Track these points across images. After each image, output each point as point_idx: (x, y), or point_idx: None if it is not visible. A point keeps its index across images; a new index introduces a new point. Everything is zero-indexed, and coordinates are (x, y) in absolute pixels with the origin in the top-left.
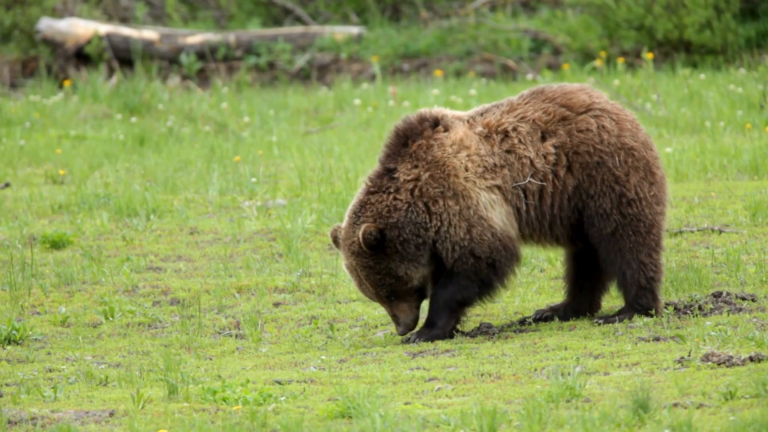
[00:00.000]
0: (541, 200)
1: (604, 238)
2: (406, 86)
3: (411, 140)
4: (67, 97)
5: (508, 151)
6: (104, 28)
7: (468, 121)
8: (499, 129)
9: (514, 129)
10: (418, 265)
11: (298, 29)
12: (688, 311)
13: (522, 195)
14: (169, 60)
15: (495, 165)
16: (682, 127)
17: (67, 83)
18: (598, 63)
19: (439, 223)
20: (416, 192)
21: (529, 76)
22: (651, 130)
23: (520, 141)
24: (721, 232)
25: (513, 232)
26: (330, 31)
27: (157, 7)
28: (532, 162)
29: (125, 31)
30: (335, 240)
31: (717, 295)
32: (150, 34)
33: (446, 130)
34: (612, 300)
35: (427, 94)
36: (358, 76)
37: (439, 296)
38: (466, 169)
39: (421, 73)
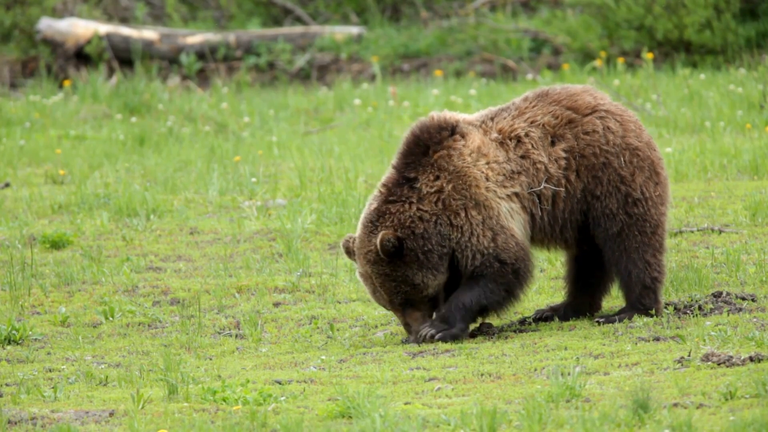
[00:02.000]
0: (554, 205)
1: (609, 238)
2: (406, 86)
3: (432, 150)
4: (67, 97)
5: (522, 157)
6: (104, 28)
7: (482, 127)
8: (512, 135)
9: (527, 134)
10: (437, 273)
11: (298, 29)
12: (688, 311)
13: (537, 201)
14: (169, 60)
15: (513, 172)
16: (682, 127)
17: (67, 83)
18: (598, 63)
19: (460, 234)
20: (440, 204)
21: (529, 76)
22: (651, 130)
23: (533, 146)
24: (721, 232)
25: (528, 244)
26: (330, 31)
27: (157, 7)
28: (546, 167)
29: (125, 31)
30: (348, 251)
31: (717, 295)
32: (150, 34)
33: (463, 137)
34: (612, 300)
35: (427, 94)
36: (358, 76)
37: (462, 296)
38: (487, 179)
39: (421, 73)
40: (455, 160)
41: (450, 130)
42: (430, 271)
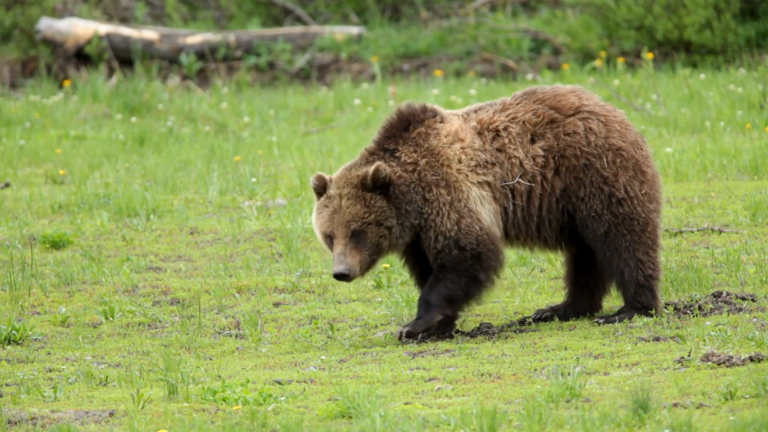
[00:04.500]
0: (528, 201)
1: (598, 238)
2: (406, 86)
3: (413, 126)
4: (67, 97)
5: (498, 150)
6: (104, 28)
7: (462, 116)
8: (491, 127)
9: (505, 128)
10: (404, 234)
11: (298, 29)
12: (688, 311)
13: (510, 195)
14: (169, 60)
15: (486, 161)
16: (682, 127)
17: (67, 83)
18: (598, 63)
19: (429, 210)
20: (416, 174)
21: (529, 76)
22: (651, 130)
23: (510, 141)
24: (721, 232)
25: (498, 232)
26: (330, 31)
27: (157, 7)
28: (521, 163)
29: (125, 31)
30: (321, 181)
31: (717, 295)
32: (150, 34)
33: (442, 121)
34: (612, 300)
35: (427, 94)
36: (358, 76)
37: (426, 293)
38: (460, 161)
39: (421, 73)
40: (431, 139)
41: (433, 113)
42: (403, 227)
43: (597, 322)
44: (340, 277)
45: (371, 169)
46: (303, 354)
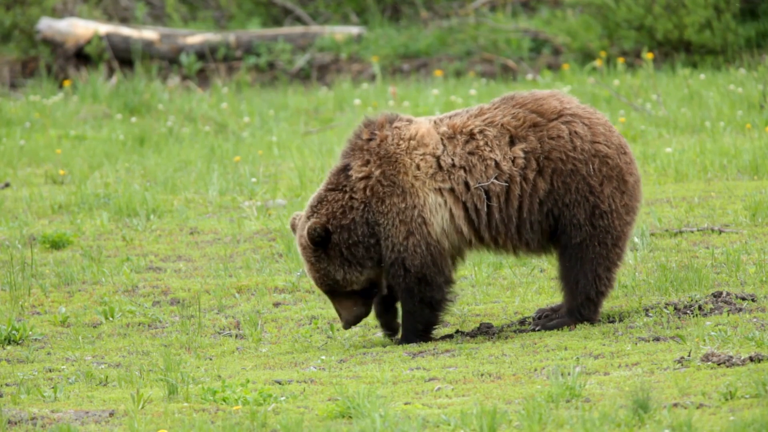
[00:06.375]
0: (507, 202)
1: (571, 246)
2: (406, 86)
3: (368, 130)
4: (67, 97)
5: (470, 153)
6: (104, 28)
7: (434, 122)
8: (464, 130)
9: (480, 131)
10: (363, 269)
11: (298, 29)
12: (688, 311)
13: (484, 197)
14: (169, 60)
15: (453, 165)
16: (682, 127)
17: (67, 83)
18: (598, 63)
19: (385, 222)
20: (368, 191)
21: (529, 76)
22: (651, 130)
23: (486, 143)
24: (721, 232)
25: (447, 244)
26: (330, 31)
27: (157, 7)
28: (497, 164)
29: (125, 31)
30: (294, 228)
31: (717, 295)
32: (150, 34)
33: (409, 124)
34: (613, 300)
35: (427, 94)
36: (358, 76)
37: (404, 323)
38: (418, 168)
39: (421, 73)
40: (388, 145)
41: (395, 118)
42: (354, 268)
43: (534, 328)
44: (347, 328)
45: (306, 232)
46: (303, 354)
